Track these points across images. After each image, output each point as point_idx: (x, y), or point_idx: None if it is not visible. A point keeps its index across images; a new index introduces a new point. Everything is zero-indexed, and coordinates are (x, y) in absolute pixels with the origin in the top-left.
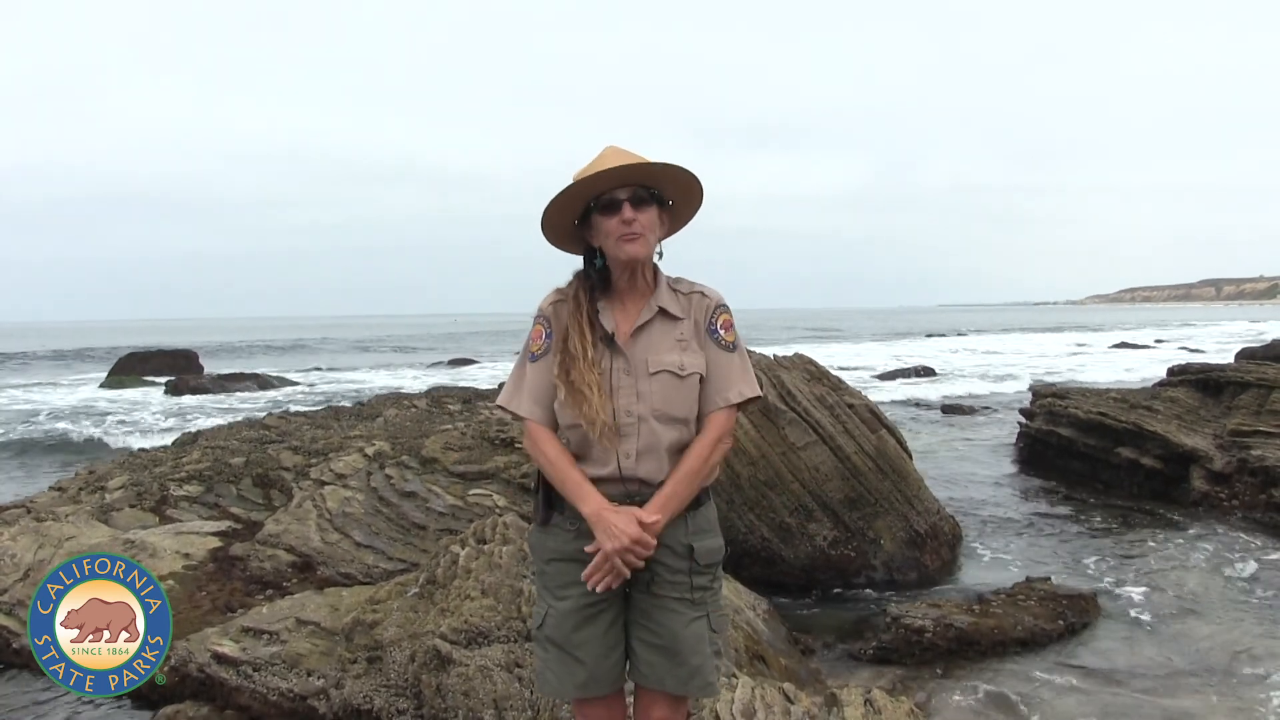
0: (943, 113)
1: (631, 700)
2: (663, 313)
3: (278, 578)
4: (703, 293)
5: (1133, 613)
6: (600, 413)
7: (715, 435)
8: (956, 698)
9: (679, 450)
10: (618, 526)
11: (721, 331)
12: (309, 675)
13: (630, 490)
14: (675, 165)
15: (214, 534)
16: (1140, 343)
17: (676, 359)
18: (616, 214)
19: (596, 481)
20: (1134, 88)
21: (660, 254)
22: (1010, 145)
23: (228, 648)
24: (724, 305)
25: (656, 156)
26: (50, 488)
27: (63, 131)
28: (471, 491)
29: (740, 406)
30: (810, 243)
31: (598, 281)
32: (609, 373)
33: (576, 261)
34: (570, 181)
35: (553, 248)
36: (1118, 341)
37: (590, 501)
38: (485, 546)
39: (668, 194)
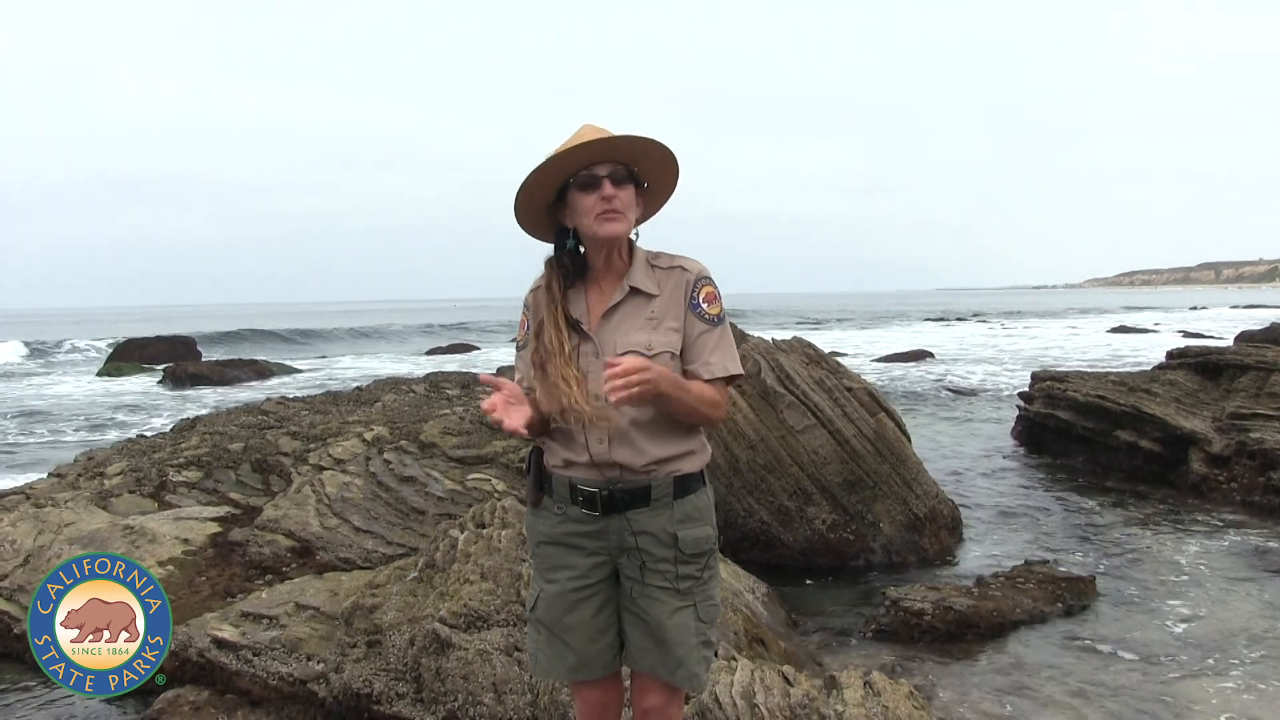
0: (940, 95)
1: (629, 684)
2: (635, 291)
3: (277, 563)
4: (683, 267)
5: (1131, 595)
6: (583, 404)
7: (716, 398)
8: (955, 680)
9: (652, 429)
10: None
11: (704, 305)
12: (309, 659)
13: (610, 477)
14: (654, 140)
15: (213, 519)
16: (1140, 326)
17: (644, 339)
18: (596, 190)
19: (573, 466)
20: (1134, 69)
21: (637, 235)
22: (1009, 127)
23: (227, 632)
24: (706, 277)
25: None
26: (49, 473)
27: (62, 118)
28: (470, 476)
29: (727, 382)
30: (806, 227)
31: (571, 266)
32: (577, 360)
33: None
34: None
35: (526, 234)
36: (1116, 325)
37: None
38: (484, 530)
39: (645, 174)
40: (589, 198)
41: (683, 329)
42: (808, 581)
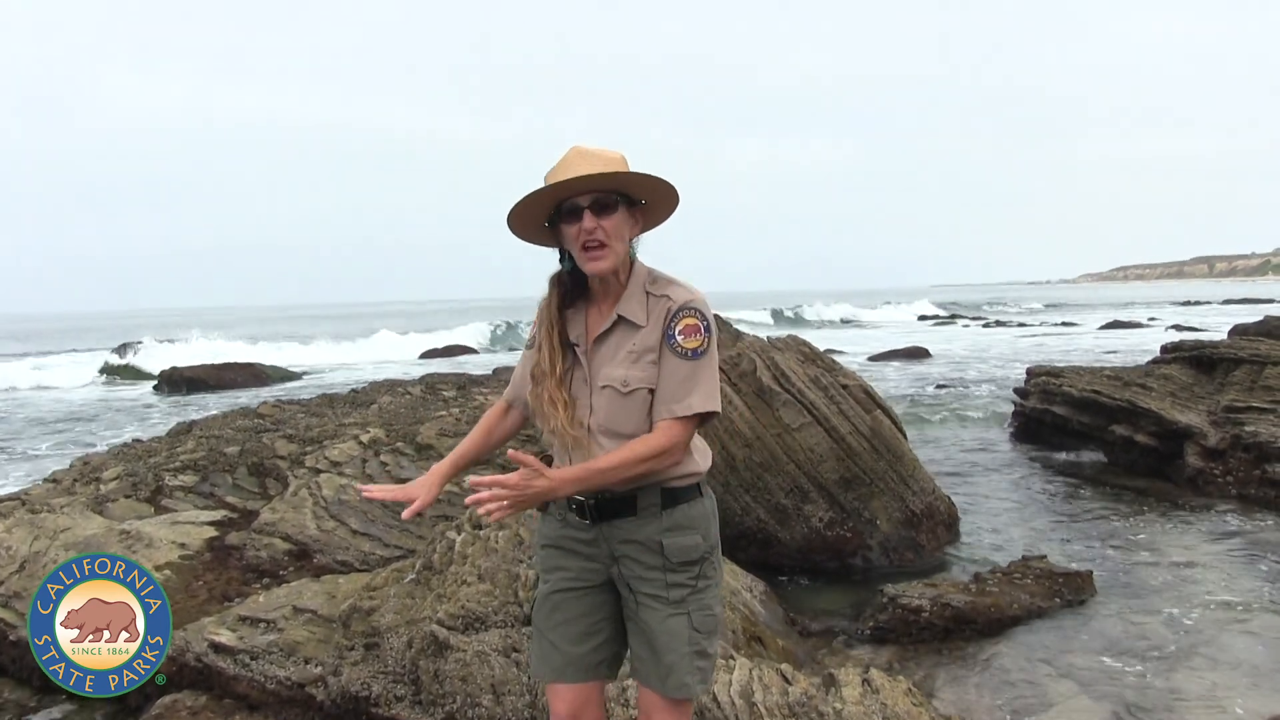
0: (932, 89)
1: (609, 696)
2: (622, 321)
3: (274, 566)
4: (668, 295)
5: (1128, 589)
6: (568, 428)
7: (659, 445)
8: (954, 676)
9: None
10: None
11: (679, 338)
12: (306, 663)
13: (590, 500)
14: (640, 174)
15: (210, 523)
16: (1134, 320)
17: (622, 374)
18: (578, 222)
19: None
20: (1124, 61)
21: (634, 249)
22: (1001, 122)
23: (225, 637)
24: (689, 308)
25: (647, 130)
26: (45, 479)
27: (55, 122)
28: (467, 477)
29: (703, 419)
30: (799, 224)
31: (570, 284)
32: (569, 383)
33: None
34: (541, 185)
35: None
36: (1110, 320)
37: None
38: (481, 532)
39: (637, 194)
40: (572, 228)
41: (659, 365)
42: (805, 580)
